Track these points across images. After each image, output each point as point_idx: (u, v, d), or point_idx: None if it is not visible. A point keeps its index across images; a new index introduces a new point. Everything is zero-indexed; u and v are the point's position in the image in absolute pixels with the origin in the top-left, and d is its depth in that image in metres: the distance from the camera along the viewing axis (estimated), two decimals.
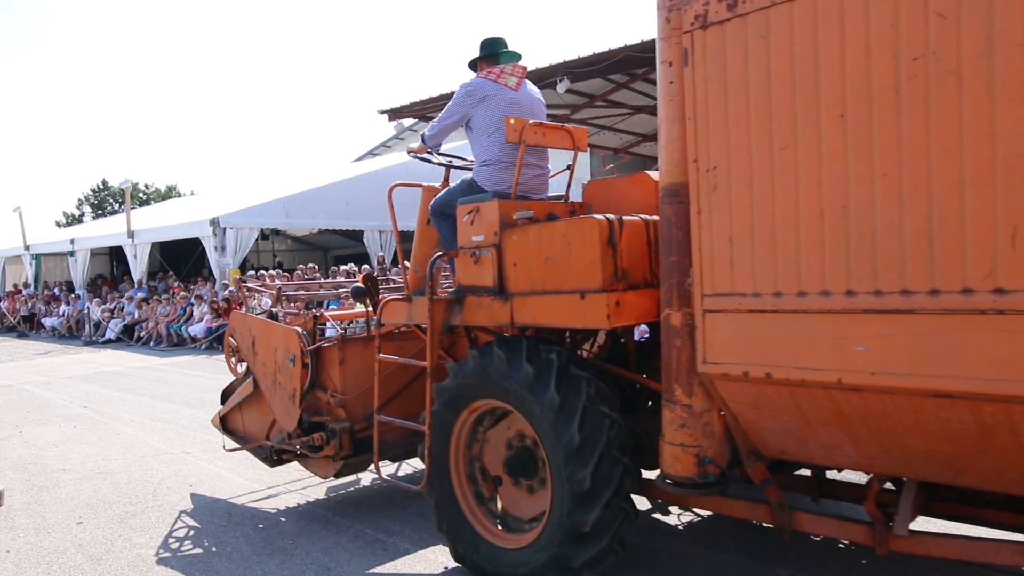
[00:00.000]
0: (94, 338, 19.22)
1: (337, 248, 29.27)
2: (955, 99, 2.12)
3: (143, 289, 20.07)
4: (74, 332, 20.82)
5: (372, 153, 31.02)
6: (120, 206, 40.50)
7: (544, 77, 14.05)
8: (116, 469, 6.26)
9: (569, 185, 4.17)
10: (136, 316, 18.57)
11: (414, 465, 5.62)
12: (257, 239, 19.24)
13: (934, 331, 2.20)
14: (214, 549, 4.40)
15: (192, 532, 4.70)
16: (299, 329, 4.53)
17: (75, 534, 4.84)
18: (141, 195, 48.96)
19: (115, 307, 19.85)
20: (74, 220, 48.39)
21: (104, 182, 50.96)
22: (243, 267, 19.27)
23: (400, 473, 5.55)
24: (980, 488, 2.65)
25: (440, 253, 3.86)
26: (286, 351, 4.58)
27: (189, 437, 7.21)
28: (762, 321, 2.59)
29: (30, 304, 23.54)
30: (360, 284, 4.33)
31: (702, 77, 2.68)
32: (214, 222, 17.37)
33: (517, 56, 4.05)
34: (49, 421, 8.69)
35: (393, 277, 6.01)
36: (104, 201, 49.86)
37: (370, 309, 4.40)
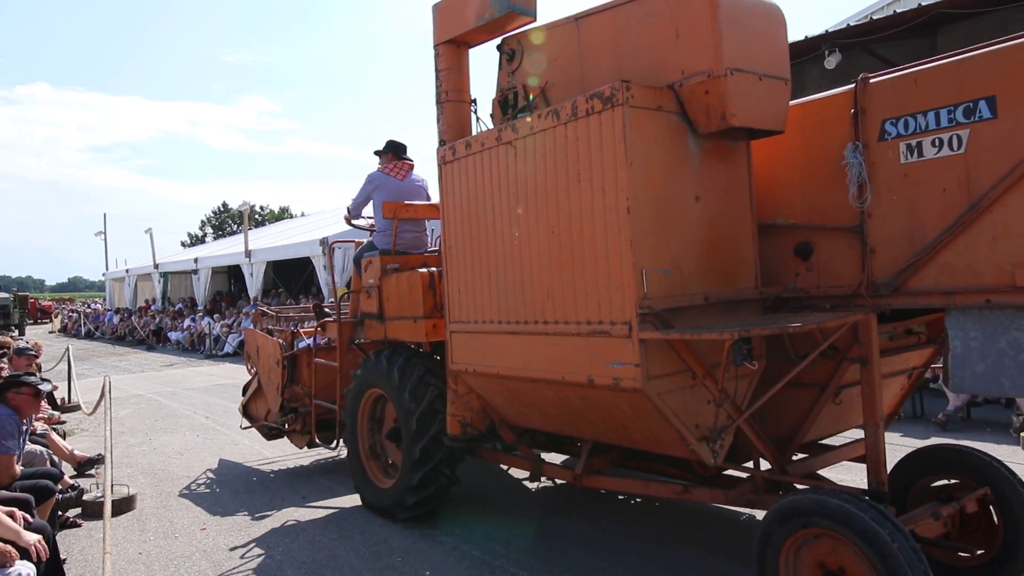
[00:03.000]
0: (214, 352, 22.05)
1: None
2: (526, 218, 4.17)
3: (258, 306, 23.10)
4: (196, 346, 24.03)
5: None
6: (238, 227, 45.96)
7: None
8: (235, 479, 7.19)
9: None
10: None
11: None
12: None
13: (527, 344, 4.25)
14: (326, 560, 5.05)
15: (307, 543, 5.38)
16: (280, 341, 6.98)
17: (199, 540, 5.51)
18: (257, 216, 54.92)
19: (233, 322, 22.69)
20: (197, 240, 55.01)
21: (224, 204, 57.58)
22: (349, 285, 21.93)
23: None
24: (596, 440, 4.60)
25: (346, 291, 6.19)
26: (274, 356, 7.03)
27: (302, 450, 7.72)
28: (471, 338, 4.70)
29: (157, 319, 27.79)
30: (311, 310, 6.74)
31: (446, 192, 4.83)
32: (323, 242, 19.49)
33: (407, 156, 6.32)
34: (175, 430, 9.94)
35: None
36: (224, 222, 56.46)
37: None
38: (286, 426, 7.08)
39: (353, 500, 6.19)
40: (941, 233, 3.58)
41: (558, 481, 6.31)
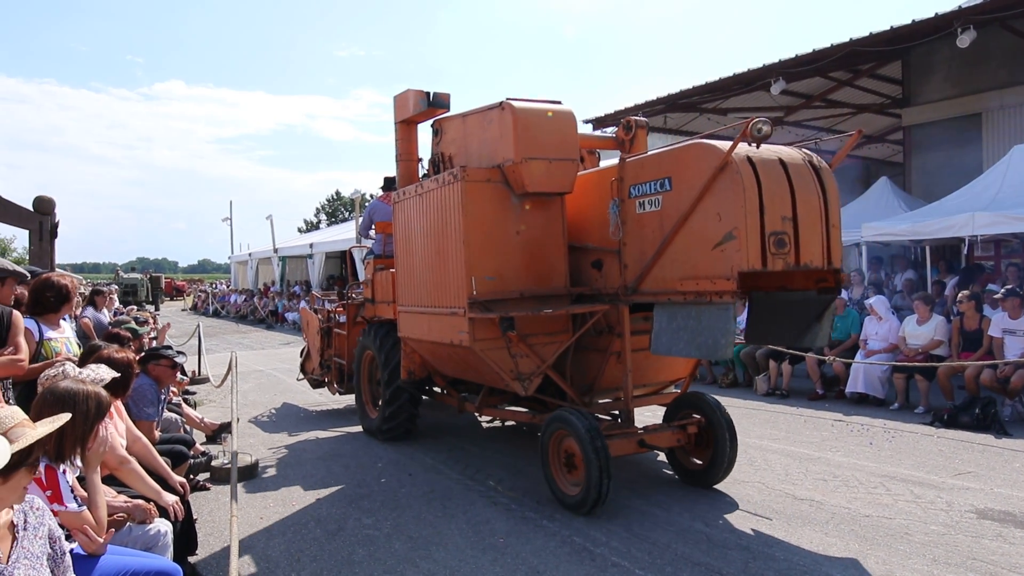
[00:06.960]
0: None
1: None
2: (428, 242, 7.17)
3: None
4: None
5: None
6: (350, 214, 50.59)
7: (757, 79, 14.70)
8: (346, 453, 8.19)
9: None
10: None
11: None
12: None
13: (429, 320, 7.27)
14: (431, 536, 5.44)
15: (413, 519, 5.90)
16: (319, 317, 10.32)
17: (314, 508, 6.03)
18: (367, 204, 59.28)
19: None
20: (312, 226, 60.76)
21: (337, 192, 63.36)
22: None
23: None
24: (487, 384, 7.53)
25: (352, 282, 9.41)
26: (316, 328, 10.39)
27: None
28: (408, 315, 7.78)
29: (276, 300, 32.38)
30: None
31: (397, 222, 7.91)
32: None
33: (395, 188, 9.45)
34: (292, 405, 11.31)
35: None
36: (337, 209, 62.18)
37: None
38: (324, 378, 10.42)
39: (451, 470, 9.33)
40: (651, 258, 6.28)
41: (665, 472, 7.26)
